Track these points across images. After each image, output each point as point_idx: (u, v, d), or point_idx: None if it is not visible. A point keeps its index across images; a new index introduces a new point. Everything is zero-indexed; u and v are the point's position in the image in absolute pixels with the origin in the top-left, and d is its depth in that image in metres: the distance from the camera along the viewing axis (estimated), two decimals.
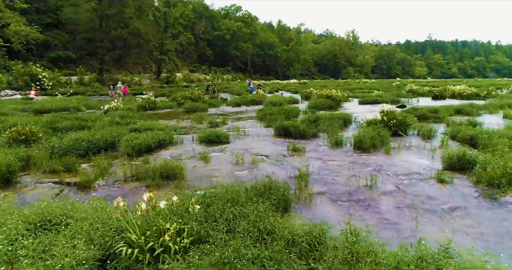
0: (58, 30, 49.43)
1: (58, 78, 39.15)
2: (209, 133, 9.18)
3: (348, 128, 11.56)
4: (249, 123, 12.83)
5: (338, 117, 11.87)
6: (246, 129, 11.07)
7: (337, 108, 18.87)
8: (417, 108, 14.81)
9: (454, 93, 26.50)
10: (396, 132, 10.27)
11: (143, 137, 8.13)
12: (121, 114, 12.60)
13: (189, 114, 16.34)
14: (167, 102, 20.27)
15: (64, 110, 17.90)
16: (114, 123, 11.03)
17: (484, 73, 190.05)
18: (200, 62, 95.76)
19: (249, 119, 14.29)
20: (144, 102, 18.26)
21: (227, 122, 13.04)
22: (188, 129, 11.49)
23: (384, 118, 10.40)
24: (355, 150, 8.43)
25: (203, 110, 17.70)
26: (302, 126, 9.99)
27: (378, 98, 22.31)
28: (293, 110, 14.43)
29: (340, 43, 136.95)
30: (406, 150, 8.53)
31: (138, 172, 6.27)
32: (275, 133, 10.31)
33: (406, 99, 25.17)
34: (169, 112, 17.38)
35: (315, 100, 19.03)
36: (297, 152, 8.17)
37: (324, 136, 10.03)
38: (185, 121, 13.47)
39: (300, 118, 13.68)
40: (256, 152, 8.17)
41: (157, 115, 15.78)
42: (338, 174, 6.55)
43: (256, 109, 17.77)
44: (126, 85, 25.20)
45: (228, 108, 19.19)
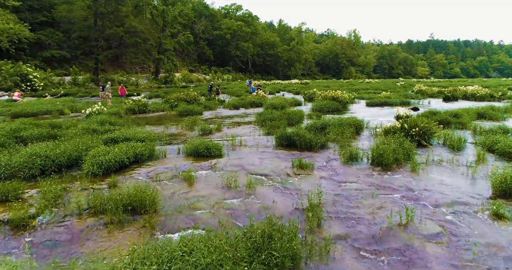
0: (52, 28, 47.96)
1: (50, 78, 37.65)
2: (197, 145, 7.66)
3: (361, 136, 10.02)
4: (247, 130, 11.30)
5: (349, 123, 10.34)
6: (243, 138, 9.54)
7: (343, 111, 17.36)
8: (435, 112, 13.27)
9: (467, 94, 24.99)
10: (418, 142, 8.75)
11: (116, 151, 6.61)
12: (101, 119, 11.10)
13: (182, 118, 14.79)
14: (160, 104, 18.75)
15: (46, 114, 16.44)
16: (90, 131, 9.51)
17: (486, 73, 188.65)
18: (200, 62, 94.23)
19: (248, 124, 12.77)
20: (133, 105, 16.75)
21: (222, 129, 11.51)
22: (175, 138, 9.96)
23: (405, 126, 8.85)
24: (374, 167, 6.90)
25: (198, 113, 16.18)
26: (309, 136, 8.46)
27: (387, 100, 20.77)
28: (296, 114, 12.91)
29: (341, 42, 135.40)
30: (437, 167, 6.99)
31: (97, 203, 4.75)
32: (277, 144, 8.79)
33: (416, 100, 23.63)
34: (160, 116, 15.86)
35: (320, 103, 17.50)
36: (304, 170, 6.64)
37: (334, 147, 8.51)
38: (174, 127, 11.95)
39: (304, 124, 12.17)
40: (253, 170, 6.64)
41: (145, 120, 14.27)
42: (359, 205, 5.02)
43: (255, 113, 16.26)
44: (123, 86, 23.67)
45: (225, 111, 17.67)
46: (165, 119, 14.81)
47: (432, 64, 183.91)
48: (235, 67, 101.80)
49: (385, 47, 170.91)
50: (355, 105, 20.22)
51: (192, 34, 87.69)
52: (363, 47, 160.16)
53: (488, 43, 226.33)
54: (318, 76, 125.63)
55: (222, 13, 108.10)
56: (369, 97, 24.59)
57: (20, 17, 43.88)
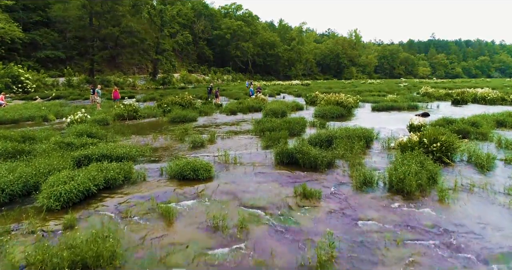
0: (47, 28, 46.78)
1: (43, 80, 36.45)
2: (183, 166, 6.49)
3: (372, 150, 8.83)
4: (244, 141, 10.13)
5: (357, 135, 9.17)
6: (238, 153, 8.38)
7: (348, 117, 16.21)
8: (450, 120, 12.08)
9: (476, 97, 23.80)
10: (439, 159, 7.58)
11: (80, 178, 5.44)
12: (81, 130, 9.93)
13: (174, 126, 13.64)
14: (152, 109, 17.58)
15: (28, 120, 15.29)
16: (64, 146, 8.34)
17: (488, 73, 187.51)
18: (199, 62, 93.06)
19: (245, 134, 11.59)
20: (123, 110, 15.58)
21: (215, 140, 10.34)
22: (161, 153, 8.78)
23: (424, 141, 7.67)
24: (393, 195, 5.72)
25: (191, 120, 15.01)
26: (313, 152, 7.29)
27: (393, 104, 19.62)
28: (298, 123, 11.73)
29: (342, 42, 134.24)
30: (468, 194, 5.82)
31: (38, 258, 3.58)
32: (277, 161, 7.61)
33: (424, 104, 22.46)
34: (150, 123, 14.69)
35: (323, 108, 16.33)
36: (308, 200, 5.47)
37: (343, 166, 7.35)
38: (163, 137, 10.78)
39: (307, 134, 11.00)
40: (247, 200, 5.48)
41: (133, 128, 13.11)
42: (383, 258, 3.84)
43: (253, 119, 15.11)
44: (117, 89, 22.42)
45: (221, 117, 16.50)
46: (155, 127, 13.64)
47: (434, 64, 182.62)
48: (235, 67, 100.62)
49: (386, 47, 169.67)
50: (360, 110, 19.05)
51: (191, 34, 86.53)
52: (364, 47, 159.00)
53: (490, 43, 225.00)
54: (318, 76, 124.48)
55: (222, 12, 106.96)
56: (374, 101, 23.43)
57: (13, 16, 42.70)
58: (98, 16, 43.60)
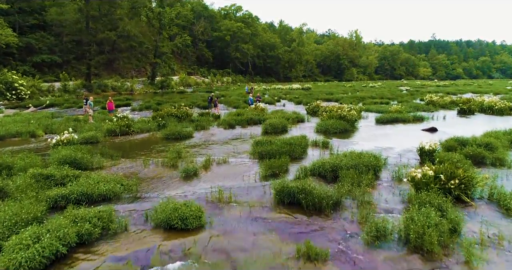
0: (43, 32, 46.02)
1: (38, 85, 35.65)
2: (170, 213, 5.70)
3: (381, 183, 8.05)
4: (241, 169, 9.36)
5: (364, 163, 8.39)
6: (234, 187, 7.60)
7: (352, 132, 15.45)
8: (462, 140, 11.30)
9: (483, 107, 23.01)
10: (458, 197, 6.82)
11: (46, 239, 4.65)
12: (65, 156, 9.13)
13: (168, 144, 12.88)
14: (146, 123, 16.77)
15: (15, 137, 14.51)
16: (42, 180, 7.55)
17: (489, 73, 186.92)
18: (199, 64, 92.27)
19: (243, 156, 10.82)
20: (115, 126, 14.79)
21: (210, 165, 9.56)
22: (148, 187, 7.98)
23: (441, 177, 6.88)
24: (411, 254, 4.95)
25: (187, 136, 14.22)
26: (317, 191, 6.51)
27: (398, 116, 18.82)
28: (300, 144, 10.94)
29: (343, 43, 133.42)
30: (498, 251, 5.04)
31: None
32: (277, 201, 6.82)
33: (429, 113, 21.71)
34: (143, 140, 13.91)
35: (326, 122, 15.57)
36: (314, 263, 4.69)
37: (350, 206, 6.58)
38: (154, 162, 9.98)
39: (309, 158, 10.24)
40: (243, 265, 4.70)
41: (124, 147, 12.32)
42: None
43: (252, 135, 14.36)
44: (111, 100, 21.43)
45: (219, 132, 15.71)
46: (148, 145, 12.86)
47: (434, 65, 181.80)
48: (235, 69, 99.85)
49: (386, 48, 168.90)
50: (363, 122, 18.26)
51: (191, 35, 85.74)
52: (365, 48, 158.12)
53: (491, 43, 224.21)
54: (319, 77, 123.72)
55: (222, 14, 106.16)
56: (377, 110, 22.69)
57: (9, 20, 41.97)
58: (94, 20, 42.79)
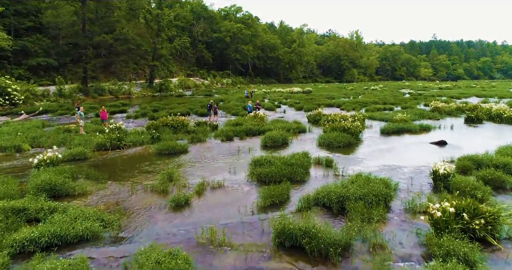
0: (39, 34, 45.17)
1: (33, 90, 34.80)
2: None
3: (393, 217, 7.20)
4: (237, 195, 8.53)
5: (373, 192, 7.55)
6: (228, 226, 6.75)
7: (356, 145, 14.64)
8: (477, 160, 10.46)
9: (491, 114, 22.17)
10: (483, 239, 5.99)
11: None
12: (44, 181, 8.28)
13: (160, 161, 12.06)
14: (140, 134, 15.93)
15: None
16: (12, 215, 6.71)
17: (490, 74, 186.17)
18: (198, 66, 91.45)
19: (239, 176, 10.00)
20: (105, 139, 13.95)
21: (204, 191, 8.73)
22: (132, 224, 7.10)
23: (464, 217, 6.04)
24: None
25: (182, 151, 13.38)
26: (323, 233, 5.69)
27: (404, 126, 17.97)
28: (302, 165, 10.11)
29: (343, 44, 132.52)
30: None
31: None
32: (277, 245, 5.98)
33: (434, 122, 20.91)
34: (135, 156, 13.07)
35: (329, 135, 14.73)
36: None
37: (361, 250, 5.75)
38: (143, 187, 9.13)
39: (312, 180, 9.41)
40: None
41: (113, 165, 11.48)
42: None
43: (251, 149, 13.55)
44: (105, 109, 20.44)
45: (216, 145, 14.87)
46: (139, 162, 12.03)
47: (435, 65, 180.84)
48: (234, 70, 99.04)
49: (387, 48, 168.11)
50: (368, 133, 17.42)
51: (190, 37, 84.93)
52: (365, 48, 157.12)
53: (492, 43, 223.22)
54: (319, 78, 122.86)
55: (222, 15, 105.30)
56: (381, 118, 21.88)
57: (4, 23, 41.22)
58: (91, 23, 41.95)
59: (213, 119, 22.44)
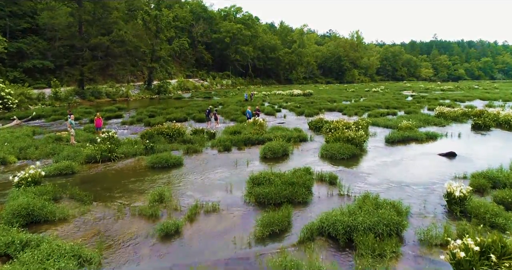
0: (35, 36, 44.39)
1: (28, 93, 34.02)
2: None
3: (407, 252, 6.42)
4: (233, 221, 7.78)
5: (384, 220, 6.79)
6: (220, 267, 5.99)
7: (361, 156, 13.89)
8: (492, 177, 9.70)
9: (499, 121, 21.41)
10: None
11: None
12: (21, 206, 7.52)
13: (153, 176, 11.32)
14: (133, 144, 15.17)
15: None
16: None
17: (491, 74, 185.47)
18: (198, 67, 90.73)
19: (236, 196, 9.24)
20: (95, 151, 13.18)
21: (196, 216, 7.97)
22: (115, 261, 6.35)
23: (492, 258, 5.27)
24: None
25: (176, 164, 12.61)
26: None
27: (410, 134, 17.19)
28: (303, 183, 9.34)
29: (344, 44, 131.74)
30: None
31: None
32: None
33: (441, 128, 20.17)
34: (126, 169, 12.30)
35: (332, 145, 13.98)
36: None
37: None
38: (130, 210, 8.36)
39: (315, 206, 8.64)
40: None
41: (101, 182, 10.71)
42: None
43: (249, 161, 12.80)
44: (99, 116, 19.36)
45: (212, 157, 14.11)
46: (129, 177, 11.26)
47: (436, 65, 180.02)
48: (234, 71, 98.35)
49: (388, 49, 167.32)
50: (372, 141, 16.63)
51: (190, 37, 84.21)
52: (366, 49, 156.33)
53: (493, 43, 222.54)
54: (320, 79, 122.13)
55: (222, 15, 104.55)
56: (385, 125, 21.13)
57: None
58: (88, 24, 41.17)
59: (212, 126, 21.73)
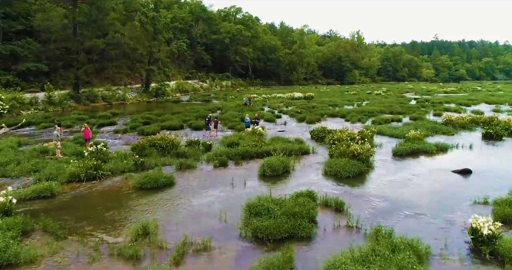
0: (30, 38, 43.28)
1: (20, 98, 32.92)
2: None
3: None
4: (226, 263, 6.71)
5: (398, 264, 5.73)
6: None
7: (367, 172, 12.84)
8: None
9: (511, 129, 20.41)
10: None
11: None
12: None
13: (140, 199, 10.27)
14: (122, 159, 14.07)
15: None
16: None
17: (492, 75, 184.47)
18: (197, 68, 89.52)
19: (231, 223, 8.19)
20: (80, 169, 12.10)
21: (184, 258, 6.90)
22: None
23: None
24: None
25: (166, 184, 11.53)
26: None
27: (418, 146, 16.12)
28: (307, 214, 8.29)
29: (345, 45, 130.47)
30: None
31: None
32: None
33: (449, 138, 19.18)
34: (111, 191, 11.23)
35: (336, 162, 12.92)
36: None
37: None
38: (108, 249, 7.29)
39: (320, 243, 7.58)
40: None
41: (81, 208, 9.62)
42: None
43: (246, 181, 11.74)
44: (87, 127, 17.76)
45: (207, 176, 13.01)
46: (113, 201, 10.20)
47: (437, 66, 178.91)
48: (234, 72, 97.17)
49: (389, 49, 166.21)
50: (379, 155, 15.53)
51: (189, 38, 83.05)
52: (367, 49, 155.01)
53: (494, 43, 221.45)
54: (320, 80, 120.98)
55: (221, 16, 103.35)
56: (391, 134, 20.10)
57: None
58: (82, 26, 40.09)
59: (211, 135, 20.70)
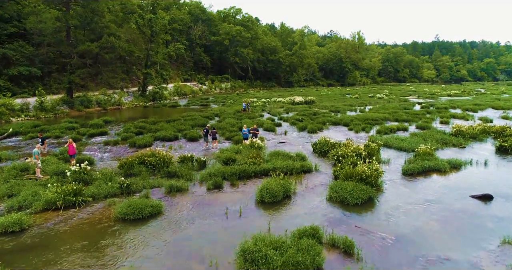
0: (23, 41, 42.04)
1: (10, 104, 31.67)
2: None
3: None
4: None
5: None
6: None
7: (376, 197, 11.57)
8: None
9: None
10: None
11: None
12: None
13: (120, 236, 9.01)
14: (106, 180, 12.80)
15: None
16: None
17: (494, 75, 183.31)
18: (196, 70, 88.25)
19: None
20: (56, 196, 10.84)
21: None
22: None
23: None
24: None
25: (152, 214, 10.28)
26: None
27: (430, 164, 14.84)
28: (311, 261, 7.04)
29: (345, 45, 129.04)
30: None
31: None
32: None
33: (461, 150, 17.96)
34: (89, 223, 9.96)
35: (342, 186, 11.66)
36: None
37: None
38: None
39: None
40: None
41: (50, 250, 8.35)
42: None
43: (242, 210, 10.49)
44: (72, 142, 15.84)
45: (199, 201, 11.76)
46: (89, 239, 8.93)
47: (438, 66, 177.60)
48: (234, 74, 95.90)
49: (390, 50, 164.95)
50: (387, 173, 14.25)
51: (188, 40, 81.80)
52: (368, 50, 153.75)
53: (495, 44, 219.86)
54: (321, 81, 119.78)
55: (221, 17, 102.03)
56: (399, 147, 18.88)
57: None
58: (75, 29, 38.80)
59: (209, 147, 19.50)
